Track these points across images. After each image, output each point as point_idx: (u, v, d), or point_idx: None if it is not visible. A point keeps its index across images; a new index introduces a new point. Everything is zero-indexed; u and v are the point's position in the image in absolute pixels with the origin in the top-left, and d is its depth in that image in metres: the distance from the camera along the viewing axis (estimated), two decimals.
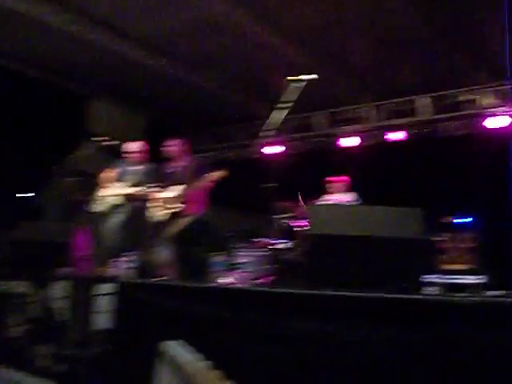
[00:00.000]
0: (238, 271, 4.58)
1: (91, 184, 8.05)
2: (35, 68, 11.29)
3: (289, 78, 6.19)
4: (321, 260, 4.37)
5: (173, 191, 7.23)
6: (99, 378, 4.78)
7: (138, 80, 11.59)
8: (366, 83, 11.30)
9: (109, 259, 6.62)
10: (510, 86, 10.40)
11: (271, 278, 5.74)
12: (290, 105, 6.16)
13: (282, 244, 8.44)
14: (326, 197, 9.64)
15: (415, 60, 9.98)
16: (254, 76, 10.87)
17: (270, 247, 8.38)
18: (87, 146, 8.08)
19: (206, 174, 7.05)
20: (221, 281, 4.57)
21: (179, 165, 7.51)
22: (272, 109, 6.28)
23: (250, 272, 4.81)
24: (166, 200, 7.20)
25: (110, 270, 6.20)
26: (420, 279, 4.62)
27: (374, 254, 4.29)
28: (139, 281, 5.23)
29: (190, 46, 10.23)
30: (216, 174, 6.91)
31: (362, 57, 10.11)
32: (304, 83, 6.09)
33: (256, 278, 5.39)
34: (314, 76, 6.13)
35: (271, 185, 7.20)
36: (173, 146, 7.64)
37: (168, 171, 7.57)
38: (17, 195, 12.98)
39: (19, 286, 5.73)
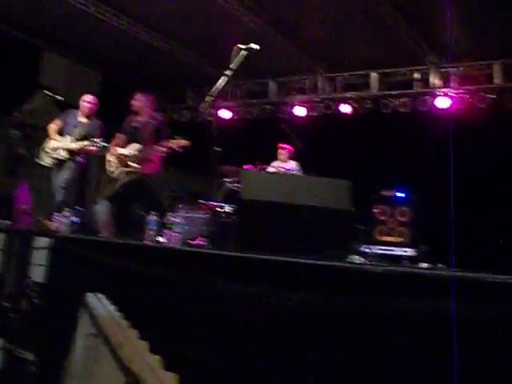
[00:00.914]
0: (171, 231, 4.69)
1: (39, 137, 8.04)
2: None
3: (239, 45, 6.17)
4: (250, 225, 4.52)
5: (131, 149, 7.21)
6: (31, 330, 4.88)
7: (94, 36, 11.56)
8: (319, 55, 11.45)
9: (51, 213, 6.65)
10: (450, 68, 10.73)
11: (204, 240, 5.87)
12: (236, 71, 6.17)
13: (224, 207, 8.59)
14: (275, 163, 9.81)
15: (369, 35, 10.13)
16: (209, 40, 10.91)
17: (212, 210, 8.53)
18: (37, 98, 8.00)
19: (170, 139, 6.99)
20: (152, 240, 4.68)
21: (141, 120, 7.43)
22: (220, 74, 6.30)
23: (183, 233, 4.93)
24: (123, 157, 7.17)
25: (51, 224, 6.24)
26: (347, 247, 4.77)
27: (299, 221, 4.45)
28: (72, 236, 5.32)
29: (147, 6, 10.24)
30: (179, 143, 6.88)
31: (317, 28, 10.25)
32: (252, 51, 6.08)
33: (189, 239, 5.53)
34: (257, 47, 6.09)
35: (219, 148, 7.24)
36: (137, 100, 7.52)
37: (130, 125, 7.47)
38: None
39: None
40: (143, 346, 2.01)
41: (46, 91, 8.01)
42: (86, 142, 7.46)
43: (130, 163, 7.03)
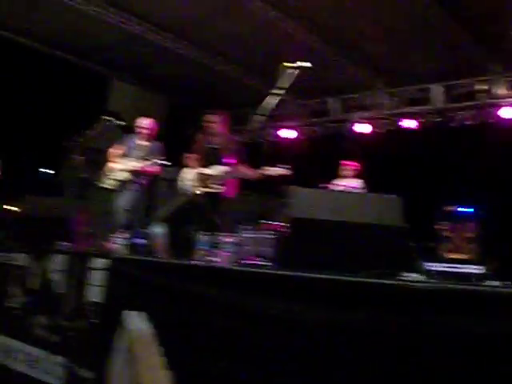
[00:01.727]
0: (222, 251, 4.70)
1: (101, 161, 8.25)
2: (58, 49, 11.60)
3: (285, 63, 6.16)
4: (299, 243, 4.47)
5: (215, 170, 7.02)
6: (89, 348, 4.98)
7: (159, 62, 11.86)
8: (379, 70, 11.34)
9: (111, 235, 6.78)
10: None
11: (259, 259, 5.83)
12: (284, 90, 6.16)
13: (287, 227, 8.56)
14: (337, 181, 9.74)
15: (429, 48, 9.97)
16: (268, 61, 10.96)
17: (275, 230, 8.54)
18: (100, 124, 8.22)
19: (270, 168, 6.69)
20: (203, 259, 4.71)
21: (218, 141, 7.24)
22: (267, 94, 6.29)
23: (236, 252, 4.93)
24: (207, 177, 6.99)
25: (110, 246, 6.38)
26: (397, 265, 4.65)
27: (349, 238, 4.38)
28: (126, 257, 5.41)
29: (208, 31, 10.42)
30: (279, 171, 6.65)
31: (376, 43, 10.15)
32: (299, 70, 6.06)
33: (242, 259, 5.52)
34: (309, 64, 6.04)
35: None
36: (211, 121, 7.27)
37: (207, 146, 7.30)
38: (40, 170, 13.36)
39: (19, 258, 5.94)
40: (158, 362, 2.02)
41: (107, 117, 8.22)
42: (146, 163, 7.58)
43: (211, 184, 6.86)
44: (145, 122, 8.06)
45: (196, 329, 3.52)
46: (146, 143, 7.95)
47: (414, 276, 4.89)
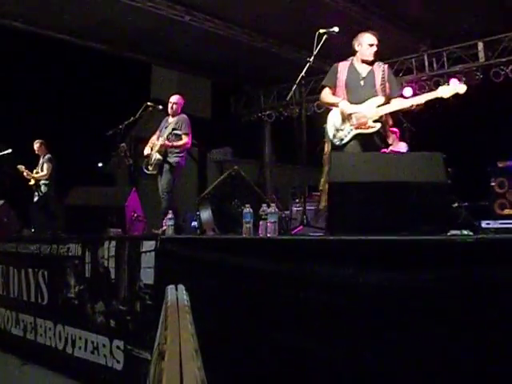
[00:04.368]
0: (267, 222, 4.67)
1: (143, 147, 8.35)
2: (97, 41, 11.73)
3: (321, 30, 6.07)
4: (341, 207, 4.42)
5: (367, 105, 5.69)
6: (146, 330, 5.05)
7: (197, 45, 11.88)
8: (422, 32, 11.15)
9: (161, 218, 6.83)
10: None
11: (304, 229, 5.77)
12: (316, 56, 6.06)
13: None
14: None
15: (469, 5, 9.73)
16: (308, 33, 10.90)
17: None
18: (143, 111, 8.29)
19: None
20: (249, 232, 4.71)
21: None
22: (306, 62, 6.22)
23: (277, 223, 4.88)
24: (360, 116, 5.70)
25: (159, 229, 6.45)
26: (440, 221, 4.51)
27: (391, 199, 4.30)
28: (171, 236, 5.47)
29: (241, 8, 10.39)
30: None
31: (416, 6, 9.98)
32: (333, 34, 5.97)
33: (289, 230, 5.51)
34: (336, 29, 5.91)
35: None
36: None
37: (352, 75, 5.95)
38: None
39: (74, 249, 6.04)
40: (189, 330, 2.03)
41: (148, 103, 8.29)
42: (172, 138, 7.75)
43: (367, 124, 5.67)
44: (171, 99, 8.18)
45: (232, 298, 3.55)
46: (173, 119, 8.07)
47: (460, 232, 4.75)
